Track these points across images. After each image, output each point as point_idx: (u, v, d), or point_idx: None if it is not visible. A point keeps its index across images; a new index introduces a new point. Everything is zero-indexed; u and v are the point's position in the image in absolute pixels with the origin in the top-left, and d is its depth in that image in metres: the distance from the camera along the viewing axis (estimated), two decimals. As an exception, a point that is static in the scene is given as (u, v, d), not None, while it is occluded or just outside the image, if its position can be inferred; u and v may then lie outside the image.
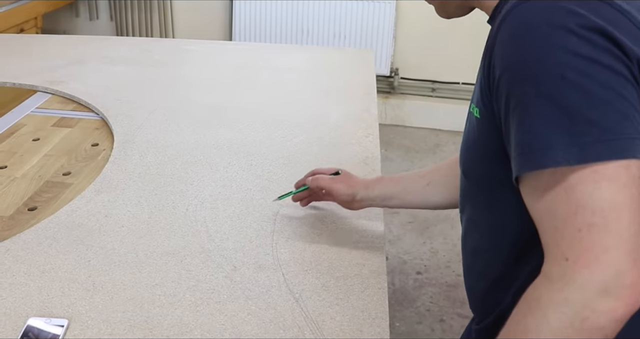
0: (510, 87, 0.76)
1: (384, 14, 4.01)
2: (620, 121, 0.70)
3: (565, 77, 0.71)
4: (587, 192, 0.69)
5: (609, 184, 0.69)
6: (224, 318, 1.05)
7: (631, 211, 0.69)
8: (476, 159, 0.93)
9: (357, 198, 1.28)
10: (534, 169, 0.73)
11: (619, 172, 0.69)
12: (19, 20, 3.58)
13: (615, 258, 0.68)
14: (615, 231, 0.68)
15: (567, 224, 0.70)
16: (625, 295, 0.68)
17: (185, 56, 2.48)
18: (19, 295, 1.09)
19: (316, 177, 1.31)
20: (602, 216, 0.68)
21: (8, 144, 1.71)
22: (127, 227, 1.30)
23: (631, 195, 0.69)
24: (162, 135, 1.72)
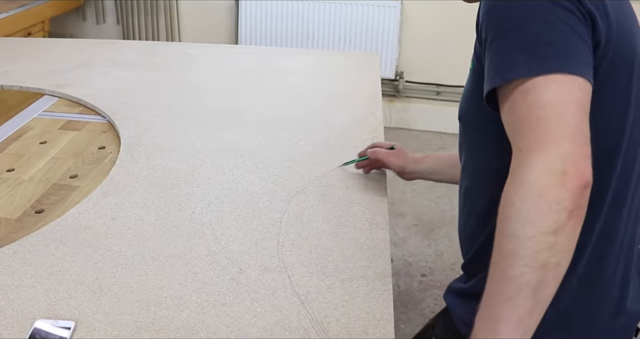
0: (488, 28, 0.90)
1: (389, 18, 4.02)
2: (573, 47, 0.84)
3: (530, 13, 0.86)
4: (539, 94, 0.81)
5: (557, 86, 0.81)
6: (230, 320, 1.05)
7: (576, 104, 0.81)
8: (469, 105, 1.05)
9: (407, 171, 1.50)
10: (501, 82, 0.86)
11: (566, 80, 0.82)
12: (27, 24, 3.60)
13: (560, 141, 0.79)
14: (560, 120, 0.80)
15: (522, 122, 0.82)
16: (571, 171, 0.78)
17: (192, 60, 2.49)
18: (26, 297, 1.09)
19: (375, 150, 1.52)
20: (549, 109, 0.80)
21: (15, 147, 1.72)
22: (133, 229, 1.31)
23: (576, 95, 0.82)
24: (168, 138, 1.73)
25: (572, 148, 0.79)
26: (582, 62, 0.84)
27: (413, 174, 1.51)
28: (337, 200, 1.44)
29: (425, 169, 1.49)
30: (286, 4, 4.08)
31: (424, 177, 1.51)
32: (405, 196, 3.41)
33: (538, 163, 0.79)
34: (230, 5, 4.23)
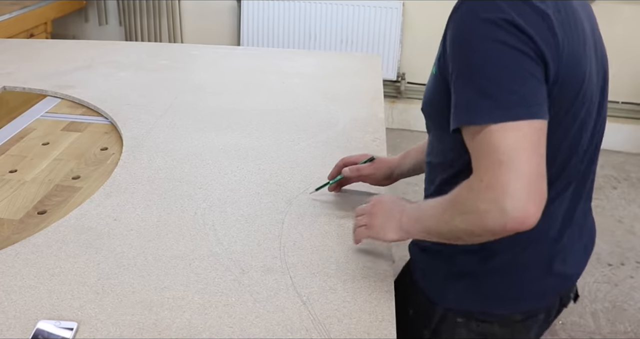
0: (453, 61, 1.02)
1: (390, 20, 4.02)
2: (533, 92, 0.95)
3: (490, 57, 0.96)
4: (501, 139, 0.93)
5: (515, 134, 0.93)
6: (232, 321, 1.05)
7: (532, 150, 0.93)
8: (431, 103, 1.17)
9: (393, 176, 1.47)
10: (466, 123, 0.98)
11: (526, 126, 0.94)
12: (29, 25, 3.60)
13: (513, 187, 0.92)
14: (515, 168, 0.92)
15: (485, 159, 0.95)
16: (517, 217, 0.92)
17: (194, 61, 2.49)
18: (29, 298, 1.10)
19: (356, 167, 1.45)
20: (508, 156, 0.92)
21: (18, 148, 1.72)
22: (136, 230, 1.31)
23: (532, 142, 0.94)
24: (170, 139, 1.73)
25: (524, 196, 0.92)
26: (540, 105, 0.96)
27: (398, 177, 1.48)
28: (339, 201, 1.45)
29: (410, 168, 1.47)
30: (288, 5, 4.08)
31: (408, 176, 1.48)
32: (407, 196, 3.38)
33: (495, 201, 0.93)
34: (233, 7, 4.24)
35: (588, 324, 2.54)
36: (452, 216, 1.02)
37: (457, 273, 1.20)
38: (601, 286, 2.78)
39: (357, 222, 1.23)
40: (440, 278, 1.22)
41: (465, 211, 0.98)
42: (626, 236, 3.18)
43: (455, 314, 1.22)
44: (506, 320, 1.22)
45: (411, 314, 1.28)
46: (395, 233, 1.16)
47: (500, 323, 1.22)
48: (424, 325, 1.26)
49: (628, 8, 3.72)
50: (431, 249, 1.24)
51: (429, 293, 1.24)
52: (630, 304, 2.67)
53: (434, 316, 1.24)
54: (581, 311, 2.61)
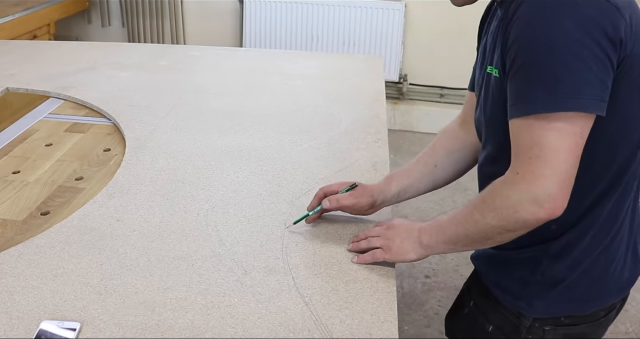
0: (517, 52, 1.01)
1: (393, 22, 4.02)
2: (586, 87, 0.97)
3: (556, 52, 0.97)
4: (544, 135, 0.99)
5: (557, 133, 0.98)
6: (235, 322, 1.06)
7: (569, 152, 0.99)
8: (495, 108, 1.15)
9: (377, 204, 1.37)
10: (521, 115, 1.02)
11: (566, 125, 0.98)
12: (33, 27, 3.61)
13: (548, 182, 0.99)
14: (552, 165, 0.98)
15: (525, 152, 1.01)
16: (548, 207, 0.99)
17: (197, 62, 2.50)
18: (32, 299, 1.10)
19: (336, 198, 1.34)
20: (546, 153, 0.98)
21: (21, 149, 1.72)
22: (139, 231, 1.31)
23: (570, 143, 0.98)
24: (173, 140, 1.74)
25: (556, 190, 0.99)
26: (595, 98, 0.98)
27: (382, 205, 1.38)
28: (342, 202, 1.45)
29: (395, 194, 1.38)
30: (291, 7, 4.09)
31: (392, 203, 1.40)
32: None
33: (528, 192, 1.00)
34: (235, 9, 4.24)
35: (590, 326, 2.54)
36: (484, 214, 1.07)
37: (546, 282, 1.20)
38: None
39: (370, 244, 1.23)
40: (525, 289, 1.22)
41: (498, 205, 1.04)
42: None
43: (542, 324, 1.23)
44: (593, 319, 1.24)
45: (491, 330, 1.29)
46: (416, 252, 1.18)
47: (588, 323, 1.24)
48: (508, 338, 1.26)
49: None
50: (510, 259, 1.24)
51: (510, 305, 1.24)
52: (632, 305, 2.66)
53: (520, 329, 1.24)
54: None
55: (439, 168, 1.42)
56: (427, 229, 1.18)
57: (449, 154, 1.42)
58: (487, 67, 1.17)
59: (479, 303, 1.31)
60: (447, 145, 1.43)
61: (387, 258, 1.20)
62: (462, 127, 1.42)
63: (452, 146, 1.42)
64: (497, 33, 1.12)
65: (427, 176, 1.42)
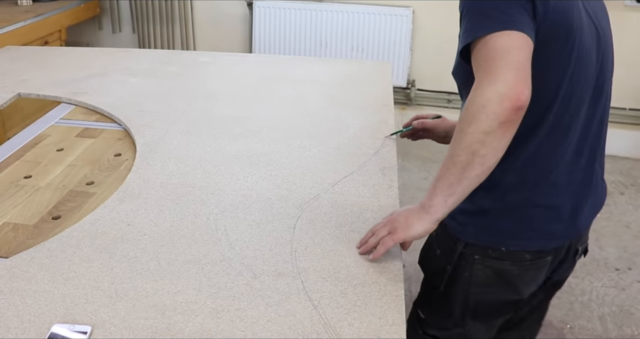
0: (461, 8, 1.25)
1: (400, 27, 4.03)
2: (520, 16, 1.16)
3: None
4: (494, 43, 1.14)
5: (507, 37, 1.14)
6: (244, 325, 1.06)
7: (519, 49, 1.14)
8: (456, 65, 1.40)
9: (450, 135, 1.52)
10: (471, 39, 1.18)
11: (514, 34, 1.14)
12: (44, 32, 3.63)
13: (504, 73, 1.12)
14: (507, 59, 1.13)
15: (482, 62, 1.16)
16: (511, 94, 1.10)
17: (206, 68, 2.51)
18: (44, 302, 1.11)
19: (422, 121, 1.76)
20: (500, 51, 1.13)
21: (33, 154, 1.74)
22: (149, 235, 1.32)
23: (520, 43, 1.14)
24: (183, 145, 1.75)
25: (514, 78, 1.11)
26: (526, 25, 1.16)
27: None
28: (350, 206, 1.45)
29: None
30: (300, 13, 4.10)
31: None
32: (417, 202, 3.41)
33: (488, 86, 1.12)
34: (245, 15, 4.26)
35: (595, 328, 2.54)
36: (461, 129, 1.16)
37: (475, 211, 1.34)
38: (609, 291, 2.77)
39: (377, 236, 1.27)
40: (462, 216, 1.37)
41: (469, 111, 1.14)
42: (633, 241, 3.17)
43: (472, 251, 1.38)
44: (516, 258, 1.36)
45: (438, 254, 1.46)
46: (421, 221, 1.24)
47: (512, 260, 1.37)
48: (448, 262, 1.42)
49: (636, 16, 3.73)
50: None
51: (452, 230, 1.39)
52: (637, 308, 2.66)
53: (455, 253, 1.40)
54: (589, 315, 2.61)
55: None
56: (425, 198, 1.25)
57: None
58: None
59: (437, 230, 1.36)
60: None
61: (396, 238, 1.24)
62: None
63: None
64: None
65: None
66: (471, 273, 1.40)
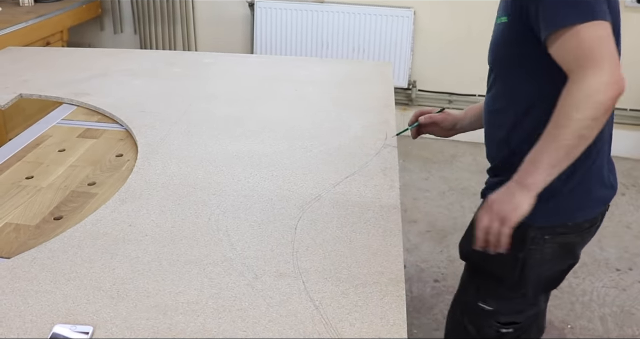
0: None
1: (402, 29, 4.03)
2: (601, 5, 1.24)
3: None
4: (588, 33, 1.22)
5: (599, 27, 1.22)
6: (246, 325, 1.07)
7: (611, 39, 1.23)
8: (502, 49, 1.45)
9: (457, 127, 1.82)
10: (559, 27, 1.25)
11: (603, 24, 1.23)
12: (46, 33, 3.64)
13: (609, 63, 1.21)
14: (606, 49, 1.22)
15: (577, 52, 1.23)
16: (613, 84, 1.20)
17: (208, 69, 2.51)
18: (46, 303, 1.11)
19: (429, 116, 1.84)
20: (597, 42, 1.22)
21: (34, 155, 1.74)
22: (151, 236, 1.32)
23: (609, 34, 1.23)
24: (185, 146, 1.75)
25: (614, 68, 1.21)
26: (608, 15, 1.24)
27: (460, 129, 1.81)
28: (351, 207, 1.46)
29: (470, 122, 1.78)
30: (301, 14, 4.10)
31: (468, 129, 1.80)
32: (418, 203, 3.42)
33: (594, 75, 1.20)
34: (247, 15, 4.26)
35: (597, 329, 2.54)
36: (568, 116, 1.23)
37: (546, 195, 1.35)
38: (610, 291, 2.77)
39: (493, 232, 1.36)
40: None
41: (579, 101, 1.22)
42: (634, 242, 3.17)
43: (542, 233, 1.48)
44: (579, 228, 1.50)
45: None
46: (527, 200, 1.31)
47: (576, 232, 1.50)
48: (518, 251, 1.48)
49: (636, 16, 3.73)
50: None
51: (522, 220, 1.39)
52: (638, 308, 2.66)
53: (526, 240, 1.48)
54: (590, 316, 2.61)
55: None
56: (521, 175, 1.32)
57: None
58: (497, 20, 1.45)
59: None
60: None
61: (511, 224, 1.33)
62: None
63: None
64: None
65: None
66: (542, 253, 1.50)
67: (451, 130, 1.83)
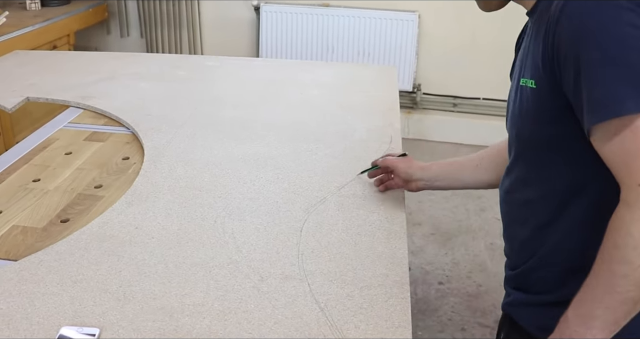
0: (578, 55, 0.92)
1: (406, 32, 4.03)
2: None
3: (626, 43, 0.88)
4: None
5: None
6: (251, 327, 1.07)
7: None
8: (531, 123, 1.08)
9: (414, 178, 1.49)
10: (606, 118, 0.90)
11: None
12: (52, 37, 3.65)
13: None
14: None
15: (637, 158, 0.88)
16: None
17: (213, 72, 2.52)
18: (52, 305, 1.12)
19: (385, 159, 1.55)
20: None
21: (41, 157, 1.75)
22: (157, 238, 1.33)
23: None
24: (191, 149, 1.76)
25: None
26: None
27: (420, 181, 1.48)
28: (356, 210, 1.46)
29: (433, 176, 1.47)
30: (306, 17, 4.11)
31: (430, 185, 1.48)
32: (423, 205, 3.42)
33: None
34: (252, 19, 4.27)
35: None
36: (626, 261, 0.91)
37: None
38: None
39: None
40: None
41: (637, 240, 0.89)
42: None
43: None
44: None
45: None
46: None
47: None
48: None
49: None
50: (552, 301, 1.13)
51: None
52: None
53: None
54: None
55: (480, 168, 1.44)
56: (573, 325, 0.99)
57: (495, 158, 1.42)
58: (519, 80, 1.11)
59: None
60: (500, 150, 1.40)
61: None
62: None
63: (503, 152, 1.34)
64: (530, 43, 1.08)
65: (468, 171, 1.46)
66: None
67: (408, 182, 1.50)
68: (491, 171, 1.42)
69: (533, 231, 1.15)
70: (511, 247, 1.25)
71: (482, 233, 3.15)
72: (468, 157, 1.49)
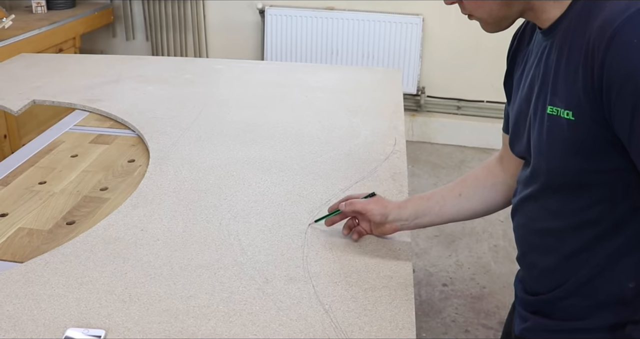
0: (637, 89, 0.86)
1: (410, 35, 4.04)
2: None
3: None
4: None
5: None
6: (256, 329, 1.07)
7: None
8: (567, 156, 1.00)
9: (389, 219, 1.30)
10: None
11: None
12: (58, 40, 3.66)
13: None
14: None
15: None
16: None
17: (219, 75, 2.52)
18: (58, 306, 1.12)
19: (350, 202, 1.32)
20: None
21: (47, 160, 1.76)
22: (162, 240, 1.33)
23: None
24: (196, 151, 1.76)
25: None
26: None
27: (396, 222, 1.31)
28: (361, 212, 1.46)
29: (411, 213, 1.30)
30: (311, 20, 4.12)
31: (409, 224, 1.32)
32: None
33: None
34: (257, 22, 4.28)
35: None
36: None
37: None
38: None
39: None
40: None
41: None
42: None
43: None
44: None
45: None
46: None
47: None
48: None
49: None
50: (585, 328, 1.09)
51: None
52: None
53: None
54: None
55: (463, 197, 1.32)
56: None
57: (477, 185, 1.33)
58: (546, 107, 1.02)
59: None
60: (480, 176, 1.35)
61: None
62: (500, 163, 1.34)
63: (485, 178, 1.34)
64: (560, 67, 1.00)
65: (450, 202, 1.32)
66: None
67: (385, 224, 1.32)
68: (475, 200, 1.33)
69: (559, 261, 1.09)
70: (529, 273, 1.19)
71: (486, 235, 3.14)
72: (447, 187, 1.36)
